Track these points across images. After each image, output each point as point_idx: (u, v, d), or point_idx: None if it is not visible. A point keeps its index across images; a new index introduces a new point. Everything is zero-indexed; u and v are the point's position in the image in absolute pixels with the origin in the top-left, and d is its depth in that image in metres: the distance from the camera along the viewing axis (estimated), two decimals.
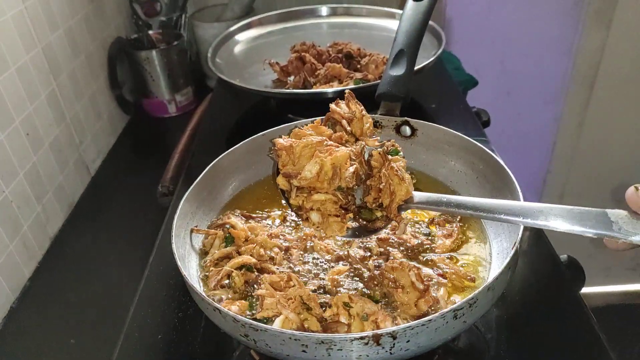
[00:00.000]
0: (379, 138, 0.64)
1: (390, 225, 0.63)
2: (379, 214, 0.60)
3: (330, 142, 0.60)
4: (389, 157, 0.60)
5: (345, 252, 0.68)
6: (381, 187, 0.58)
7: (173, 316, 0.72)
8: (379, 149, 0.60)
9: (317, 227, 0.60)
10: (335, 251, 0.68)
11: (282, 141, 0.60)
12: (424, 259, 0.67)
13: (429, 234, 0.71)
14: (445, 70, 1.37)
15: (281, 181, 0.60)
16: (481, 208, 0.55)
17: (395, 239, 0.69)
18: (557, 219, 0.49)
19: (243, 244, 0.68)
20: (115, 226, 1.14)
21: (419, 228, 0.72)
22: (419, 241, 0.69)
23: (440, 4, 1.61)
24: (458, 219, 0.71)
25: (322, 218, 0.59)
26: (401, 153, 0.62)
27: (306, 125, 0.63)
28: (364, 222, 0.61)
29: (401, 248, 0.68)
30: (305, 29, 1.39)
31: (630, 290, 2.25)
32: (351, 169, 0.57)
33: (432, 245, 0.68)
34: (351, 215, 0.59)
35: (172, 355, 0.67)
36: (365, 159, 0.60)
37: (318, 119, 0.68)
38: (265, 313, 0.58)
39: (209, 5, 1.65)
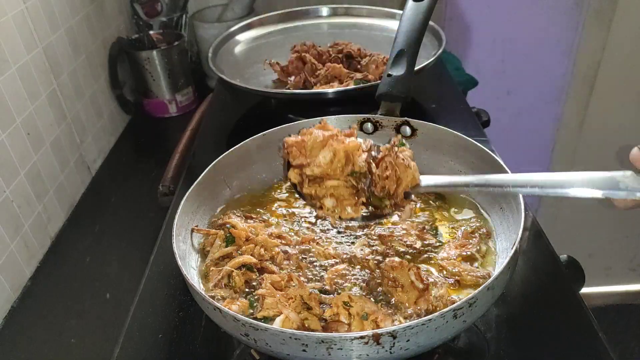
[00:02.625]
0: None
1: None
2: (387, 202, 0.61)
3: (341, 137, 0.62)
4: (396, 148, 0.61)
5: (346, 255, 0.68)
6: (387, 174, 0.59)
7: (174, 315, 0.72)
8: (386, 144, 0.62)
9: (332, 212, 0.61)
10: (332, 256, 0.68)
11: (293, 138, 0.61)
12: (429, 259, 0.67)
13: (438, 233, 0.70)
14: (445, 70, 1.37)
15: (292, 174, 0.61)
16: (493, 183, 0.57)
17: (399, 237, 0.69)
18: (567, 186, 0.50)
19: (243, 243, 0.68)
20: (115, 226, 1.14)
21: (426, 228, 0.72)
22: (423, 243, 0.69)
23: (440, 4, 1.61)
24: (478, 237, 0.69)
25: (337, 203, 0.60)
26: (407, 145, 0.64)
27: (314, 125, 0.64)
28: (373, 209, 0.62)
29: (401, 249, 0.68)
30: (306, 29, 1.39)
31: (630, 290, 2.25)
32: (364, 155, 0.59)
33: (433, 252, 0.68)
34: (364, 199, 0.60)
35: (172, 355, 0.67)
36: (374, 154, 0.61)
37: (324, 118, 0.69)
38: (265, 312, 0.58)
39: (210, 6, 1.65)
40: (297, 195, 0.66)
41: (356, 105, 0.92)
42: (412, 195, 0.62)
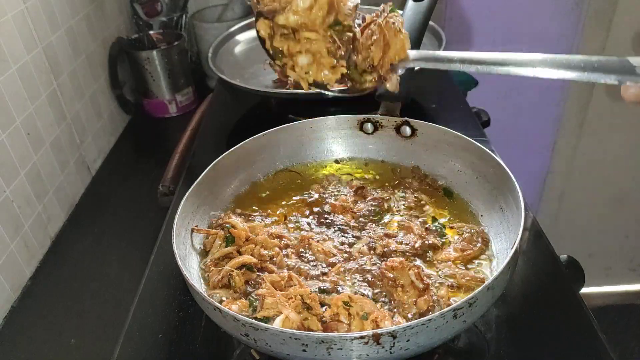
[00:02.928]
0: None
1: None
2: (368, 77, 0.54)
3: None
4: (385, 14, 0.53)
5: (346, 254, 0.68)
6: (374, 39, 0.51)
7: (174, 315, 0.72)
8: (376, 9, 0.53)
9: (306, 73, 0.53)
10: (332, 254, 0.68)
11: None
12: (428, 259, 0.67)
13: (442, 233, 0.70)
14: (446, 70, 1.36)
15: (262, 25, 0.53)
16: (493, 61, 0.52)
17: (401, 239, 0.69)
18: (575, 70, 0.47)
19: (243, 243, 0.68)
20: (115, 226, 1.14)
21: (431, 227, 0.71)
22: (426, 242, 0.69)
23: (440, 4, 1.61)
24: (479, 243, 0.68)
25: (312, 61, 0.52)
26: (400, 12, 0.55)
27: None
28: (351, 84, 0.55)
29: (402, 246, 0.68)
30: None
31: (630, 290, 2.25)
32: (351, 4, 0.50)
33: (434, 254, 0.68)
34: (344, 63, 0.52)
35: (172, 355, 0.67)
36: (358, 22, 0.53)
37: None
38: (265, 312, 0.58)
39: (210, 6, 1.65)
40: (266, 57, 0.55)
41: (356, 105, 0.93)
42: (400, 70, 0.54)
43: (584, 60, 0.46)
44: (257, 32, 0.53)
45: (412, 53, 0.53)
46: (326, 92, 0.58)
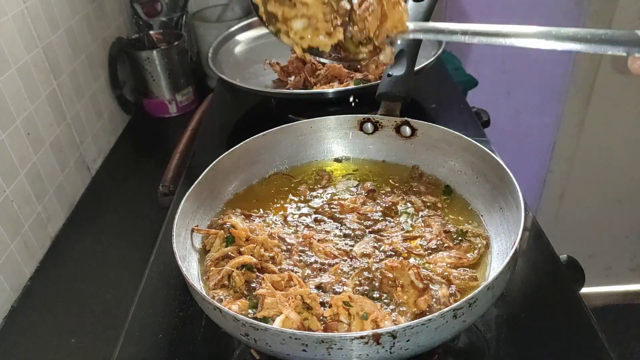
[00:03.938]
0: None
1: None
2: (363, 48, 0.53)
3: None
4: None
5: (347, 254, 0.68)
6: (371, 10, 0.49)
7: (174, 315, 0.72)
8: None
9: (301, 38, 0.51)
10: (333, 254, 0.68)
11: None
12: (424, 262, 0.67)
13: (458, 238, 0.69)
14: (445, 70, 1.37)
15: None
16: (496, 33, 0.52)
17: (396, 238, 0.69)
18: (582, 42, 0.47)
19: (244, 243, 0.68)
20: (115, 226, 1.14)
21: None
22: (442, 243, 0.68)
23: (440, 4, 1.61)
24: (479, 250, 0.66)
25: (308, 26, 0.50)
26: None
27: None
28: (345, 54, 0.54)
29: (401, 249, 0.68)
30: None
31: (630, 290, 2.25)
32: None
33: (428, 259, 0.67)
34: (341, 29, 0.50)
35: (172, 355, 0.67)
36: None
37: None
38: (265, 312, 0.58)
39: (210, 6, 1.65)
40: (258, 19, 0.53)
41: (356, 105, 0.93)
42: (398, 41, 0.54)
43: (591, 32, 0.46)
44: None
45: (411, 24, 0.52)
46: (321, 60, 0.57)
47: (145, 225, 1.09)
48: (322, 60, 0.58)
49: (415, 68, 0.81)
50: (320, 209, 0.76)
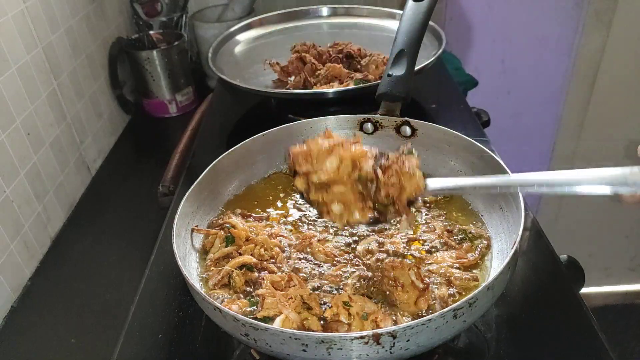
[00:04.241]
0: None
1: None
2: (391, 208, 0.61)
3: (346, 145, 0.62)
4: (403, 157, 0.61)
5: (347, 253, 0.68)
6: (392, 182, 0.59)
7: (173, 315, 0.72)
8: (395, 152, 0.62)
9: (340, 217, 0.61)
10: (333, 254, 0.68)
11: (298, 148, 0.62)
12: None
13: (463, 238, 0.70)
14: (446, 70, 1.37)
15: (299, 182, 0.62)
16: (500, 184, 0.57)
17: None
18: (575, 184, 0.51)
19: (243, 243, 0.68)
20: (115, 226, 1.14)
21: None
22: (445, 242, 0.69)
23: (440, 4, 1.61)
24: (479, 251, 0.67)
25: (344, 208, 0.61)
26: (416, 153, 0.63)
27: (318, 135, 0.64)
28: (377, 215, 0.62)
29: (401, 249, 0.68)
30: (306, 29, 1.39)
31: (630, 290, 2.25)
32: (370, 162, 0.60)
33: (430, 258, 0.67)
34: (371, 203, 0.60)
35: (172, 355, 0.67)
36: (382, 162, 0.61)
37: (328, 128, 0.70)
38: (265, 312, 0.58)
39: (210, 6, 1.65)
40: (302, 201, 0.66)
41: (356, 105, 0.93)
42: (419, 201, 0.62)
43: (580, 174, 0.52)
44: (296, 187, 0.62)
45: (429, 185, 0.60)
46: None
47: (145, 225, 1.09)
48: (361, 228, 0.73)
49: (415, 68, 0.81)
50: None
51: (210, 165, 0.75)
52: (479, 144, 0.74)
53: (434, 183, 0.60)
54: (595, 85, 1.80)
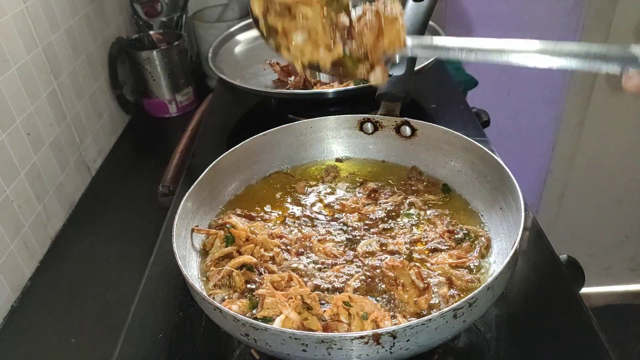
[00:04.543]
0: None
1: None
2: (362, 67, 0.53)
3: None
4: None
5: (347, 253, 0.68)
6: (368, 24, 0.49)
7: (174, 315, 0.72)
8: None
9: (301, 52, 0.51)
10: (333, 254, 0.68)
11: None
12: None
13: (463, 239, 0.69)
14: (445, 70, 1.37)
15: (256, 3, 0.51)
16: (492, 49, 0.52)
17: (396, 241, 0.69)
18: (576, 59, 0.47)
19: (243, 243, 0.68)
20: (115, 226, 1.14)
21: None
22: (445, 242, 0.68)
23: (440, 4, 1.61)
24: (478, 251, 0.66)
25: (308, 40, 0.50)
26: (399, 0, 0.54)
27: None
28: (344, 72, 0.54)
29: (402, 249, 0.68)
30: None
31: (630, 290, 2.25)
32: None
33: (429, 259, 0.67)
34: (340, 44, 0.51)
35: (172, 355, 0.67)
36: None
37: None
38: (265, 312, 0.58)
39: (210, 6, 1.65)
40: (258, 33, 0.53)
41: (356, 105, 0.93)
42: (397, 59, 0.53)
43: (586, 48, 0.46)
44: (251, 10, 0.51)
45: (409, 40, 0.51)
46: (320, 78, 0.56)
47: (145, 225, 1.09)
48: (322, 77, 0.58)
49: (415, 68, 0.81)
50: (321, 209, 0.76)
51: (210, 165, 0.75)
52: (479, 144, 0.74)
53: (414, 40, 0.53)
54: (595, 85, 1.80)
